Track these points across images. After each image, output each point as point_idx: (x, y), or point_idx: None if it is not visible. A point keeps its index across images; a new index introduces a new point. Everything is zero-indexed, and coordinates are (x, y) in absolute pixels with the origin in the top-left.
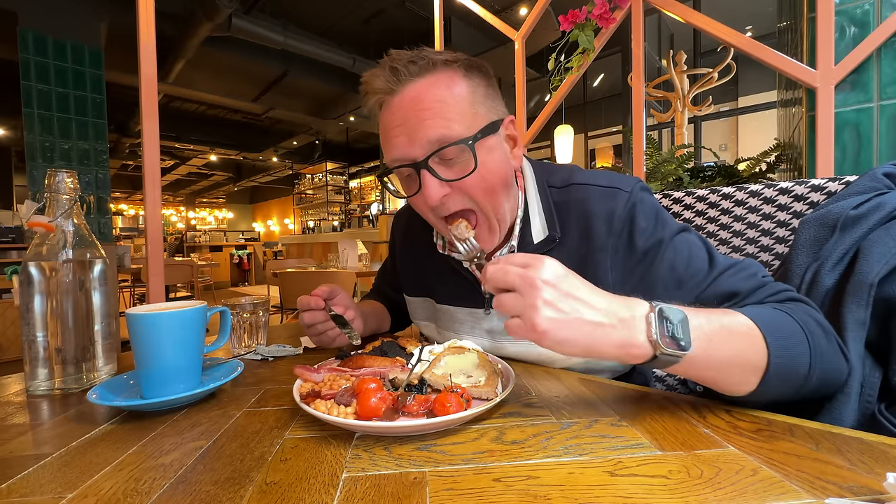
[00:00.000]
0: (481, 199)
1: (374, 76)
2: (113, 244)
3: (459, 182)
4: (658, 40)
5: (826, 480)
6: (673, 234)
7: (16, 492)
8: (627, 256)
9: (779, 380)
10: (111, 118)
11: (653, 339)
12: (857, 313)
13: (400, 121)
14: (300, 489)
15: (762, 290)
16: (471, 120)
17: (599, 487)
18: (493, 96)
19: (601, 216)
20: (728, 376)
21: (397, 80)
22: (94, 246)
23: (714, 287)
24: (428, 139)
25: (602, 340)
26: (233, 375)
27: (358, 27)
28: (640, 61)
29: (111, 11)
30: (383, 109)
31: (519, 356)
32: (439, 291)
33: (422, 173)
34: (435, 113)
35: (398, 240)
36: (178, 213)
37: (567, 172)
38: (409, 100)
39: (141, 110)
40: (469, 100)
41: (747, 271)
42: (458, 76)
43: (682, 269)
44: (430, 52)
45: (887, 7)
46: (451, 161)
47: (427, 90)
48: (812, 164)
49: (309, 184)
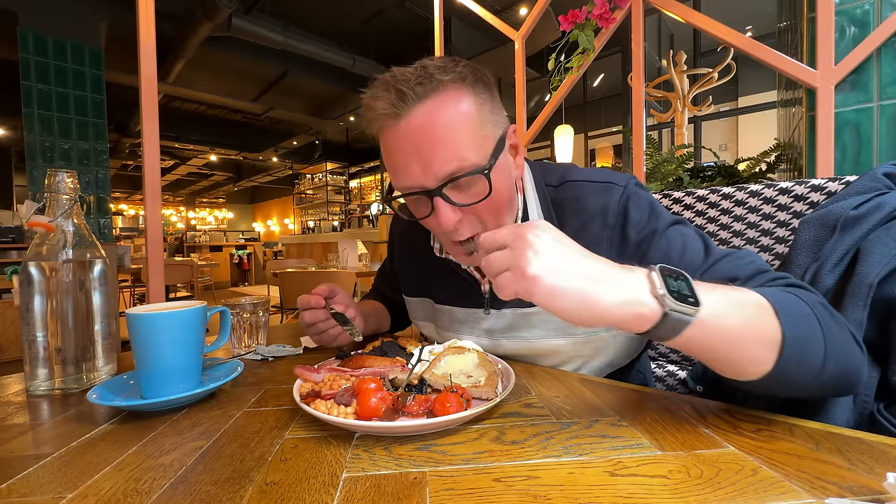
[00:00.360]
0: (489, 221)
1: (378, 98)
2: (113, 244)
3: (470, 207)
4: (658, 40)
5: (826, 480)
6: (667, 226)
7: (16, 492)
8: (622, 249)
9: (796, 359)
10: (111, 118)
11: (658, 294)
12: (854, 314)
13: (410, 149)
14: (300, 489)
15: (762, 276)
16: (482, 143)
17: (599, 487)
18: (497, 108)
19: (596, 211)
20: (742, 351)
21: (404, 104)
22: (94, 246)
23: (711, 274)
24: (442, 172)
25: (602, 296)
26: (233, 375)
27: (358, 27)
28: (640, 61)
29: (111, 11)
30: (388, 131)
31: (518, 353)
32: (438, 292)
33: (435, 200)
34: (448, 145)
35: (397, 241)
36: (178, 213)
37: (563, 170)
38: (417, 126)
39: (141, 110)
40: (478, 120)
41: (746, 259)
42: (464, 93)
43: (676, 258)
44: (434, 69)
45: (887, 7)
46: (464, 186)
47: (436, 115)
48: (812, 164)
49: (309, 184)
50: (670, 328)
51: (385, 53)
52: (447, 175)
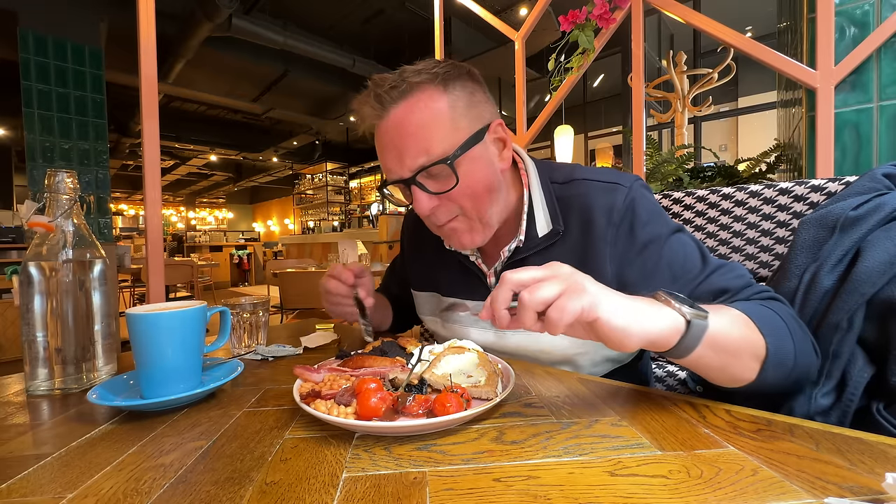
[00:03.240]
0: (467, 206)
1: (362, 103)
2: (113, 244)
3: (446, 194)
4: (658, 40)
5: (826, 480)
6: (671, 233)
7: (16, 492)
8: (627, 248)
9: (774, 366)
10: (111, 118)
11: (676, 307)
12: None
13: (388, 145)
14: (300, 489)
15: (748, 289)
16: (452, 137)
17: (599, 487)
18: (478, 102)
19: (602, 209)
20: (739, 362)
21: (382, 107)
22: (94, 246)
23: (706, 284)
24: (414, 164)
25: (649, 312)
26: (233, 375)
27: (358, 27)
28: (640, 62)
29: (111, 11)
30: (375, 132)
31: (520, 348)
32: (445, 284)
33: (412, 188)
34: (417, 139)
35: (407, 236)
36: (178, 213)
37: (569, 169)
38: (393, 126)
39: (141, 110)
40: (449, 116)
41: (736, 272)
42: (437, 93)
43: (679, 265)
44: (410, 72)
45: (887, 7)
46: (437, 175)
47: (408, 115)
48: (812, 165)
49: (309, 184)
50: (694, 337)
51: (385, 54)
52: (418, 167)
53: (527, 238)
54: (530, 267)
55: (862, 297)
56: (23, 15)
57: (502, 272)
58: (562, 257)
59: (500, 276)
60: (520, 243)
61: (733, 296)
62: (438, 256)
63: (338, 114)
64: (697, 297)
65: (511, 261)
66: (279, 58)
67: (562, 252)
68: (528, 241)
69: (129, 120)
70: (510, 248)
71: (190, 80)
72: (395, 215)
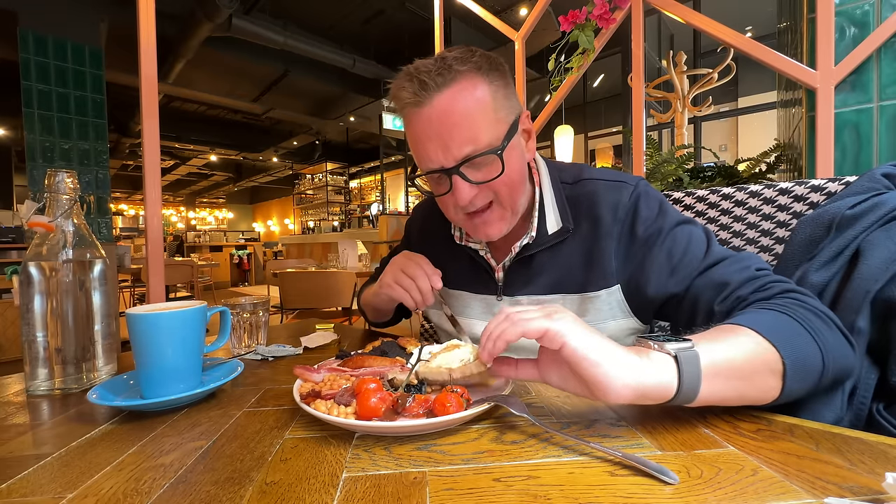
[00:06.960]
0: (504, 195)
1: (402, 88)
2: (113, 244)
3: (486, 183)
4: (658, 40)
5: (826, 480)
6: (674, 224)
7: (16, 492)
8: (629, 243)
9: (798, 378)
10: (111, 118)
11: (655, 347)
12: (850, 318)
13: (432, 133)
14: (300, 489)
15: (752, 283)
16: (495, 127)
17: (599, 487)
18: (511, 94)
19: (608, 206)
20: (753, 382)
21: (426, 93)
22: (94, 246)
23: (705, 277)
24: (460, 153)
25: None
26: (233, 375)
27: (358, 27)
28: (640, 62)
29: (111, 11)
30: (413, 117)
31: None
32: (452, 277)
33: (453, 178)
34: (464, 129)
35: (415, 234)
36: (178, 213)
37: (577, 169)
38: (437, 113)
39: (141, 110)
40: (492, 106)
41: (741, 263)
42: (479, 81)
43: (678, 257)
44: (453, 60)
45: (887, 7)
46: (479, 165)
47: (453, 103)
48: (812, 165)
49: (309, 184)
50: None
51: (385, 54)
52: (464, 156)
53: (537, 234)
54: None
55: (867, 294)
56: (23, 15)
57: (510, 267)
58: (569, 254)
59: (507, 271)
60: (530, 239)
61: (734, 290)
62: (447, 249)
63: (338, 114)
64: (695, 290)
65: (520, 256)
66: (279, 58)
67: (570, 249)
68: (539, 237)
69: (129, 120)
70: (520, 244)
71: (190, 80)
72: (395, 215)
